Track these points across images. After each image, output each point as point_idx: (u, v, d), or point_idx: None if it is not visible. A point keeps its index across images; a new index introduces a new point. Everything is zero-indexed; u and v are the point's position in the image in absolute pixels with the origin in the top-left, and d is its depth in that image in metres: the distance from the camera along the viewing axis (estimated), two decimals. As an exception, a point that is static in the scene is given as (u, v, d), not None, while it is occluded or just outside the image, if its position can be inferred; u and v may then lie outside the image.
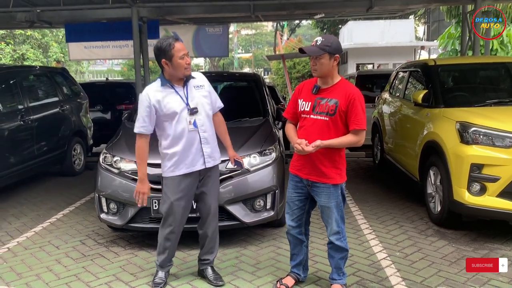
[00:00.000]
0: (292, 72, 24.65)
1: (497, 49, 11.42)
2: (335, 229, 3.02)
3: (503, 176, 3.82)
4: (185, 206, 3.24)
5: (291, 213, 3.15)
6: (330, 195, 2.97)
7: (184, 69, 3.09)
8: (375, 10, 9.34)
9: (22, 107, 6.18)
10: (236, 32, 42.21)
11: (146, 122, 3.11)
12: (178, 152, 3.13)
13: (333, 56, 2.85)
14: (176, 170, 3.16)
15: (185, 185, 3.19)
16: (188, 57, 3.12)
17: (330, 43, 2.84)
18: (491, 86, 5.57)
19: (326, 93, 2.92)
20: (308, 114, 2.96)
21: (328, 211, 3.00)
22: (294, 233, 3.18)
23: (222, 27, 13.34)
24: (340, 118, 2.87)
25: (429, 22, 26.50)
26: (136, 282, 3.43)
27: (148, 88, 3.19)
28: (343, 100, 2.85)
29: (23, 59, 22.25)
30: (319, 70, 2.88)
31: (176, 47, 3.04)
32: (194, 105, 3.15)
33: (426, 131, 4.74)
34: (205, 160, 3.19)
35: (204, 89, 3.27)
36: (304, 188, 3.07)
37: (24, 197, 6.04)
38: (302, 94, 3.04)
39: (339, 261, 3.11)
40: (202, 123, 3.18)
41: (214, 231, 3.39)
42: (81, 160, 7.56)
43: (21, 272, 3.68)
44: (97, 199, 4.11)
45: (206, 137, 3.19)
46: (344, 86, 2.92)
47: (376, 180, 6.50)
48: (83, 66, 32.70)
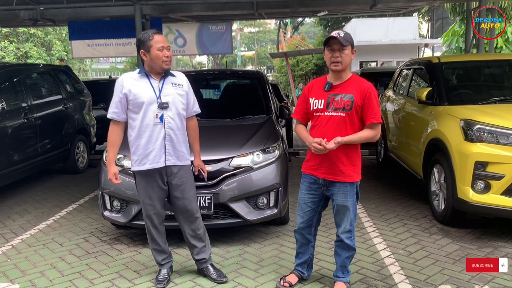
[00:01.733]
0: (295, 70, 24.62)
1: (502, 46, 11.38)
2: (348, 228, 3.00)
3: (507, 174, 3.79)
4: (154, 203, 3.22)
5: (303, 215, 3.11)
6: (347, 194, 2.93)
7: (162, 62, 3.08)
8: (378, 8, 9.32)
9: (25, 105, 6.20)
10: (239, 30, 42.19)
11: (118, 109, 3.13)
12: (142, 145, 3.13)
13: (353, 49, 2.88)
14: (140, 164, 3.16)
15: (154, 183, 3.18)
16: (169, 51, 3.11)
17: (349, 36, 2.86)
18: (496, 84, 5.54)
19: (339, 89, 2.89)
20: (322, 112, 2.91)
21: (344, 210, 2.96)
22: (303, 233, 3.16)
23: (225, 25, 13.35)
24: (356, 113, 2.85)
25: (433, 19, 26.38)
26: (140, 279, 3.44)
27: (125, 74, 3.21)
28: (358, 95, 2.83)
29: (26, 57, 22.31)
30: (344, 62, 2.84)
31: (155, 39, 3.05)
32: (166, 100, 3.12)
33: (430, 128, 4.72)
34: (166, 157, 3.15)
35: (182, 88, 3.24)
36: (319, 190, 3.02)
37: (28, 195, 6.05)
38: (313, 92, 2.98)
39: (345, 259, 3.09)
40: (170, 120, 3.14)
41: (201, 229, 3.37)
42: (84, 158, 7.58)
43: (25, 269, 3.69)
44: (101, 196, 4.12)
45: (171, 135, 3.14)
46: (358, 81, 2.90)
47: (379, 178, 6.49)
48: (86, 64, 32.78)
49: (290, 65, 22.27)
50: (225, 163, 3.93)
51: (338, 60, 2.83)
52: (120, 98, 3.11)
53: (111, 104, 3.16)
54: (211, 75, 7.10)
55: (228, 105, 5.61)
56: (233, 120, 4.87)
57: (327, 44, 2.88)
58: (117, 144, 3.20)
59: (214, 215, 3.89)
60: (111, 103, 3.16)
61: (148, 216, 3.27)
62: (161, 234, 3.35)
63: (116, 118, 3.16)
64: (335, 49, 2.83)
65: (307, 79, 25.51)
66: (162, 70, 3.13)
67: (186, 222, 3.33)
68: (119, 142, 3.21)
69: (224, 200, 3.84)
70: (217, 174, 3.85)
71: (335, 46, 2.83)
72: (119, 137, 3.20)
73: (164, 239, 3.38)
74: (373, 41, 20.10)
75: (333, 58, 2.84)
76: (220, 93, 6.62)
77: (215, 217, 3.91)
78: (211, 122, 4.72)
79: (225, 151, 4.01)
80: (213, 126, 4.62)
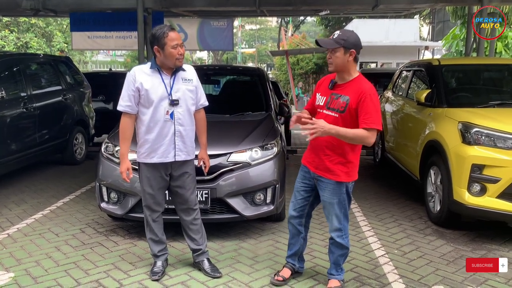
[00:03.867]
0: (295, 69, 24.61)
1: (502, 51, 11.41)
2: (336, 226, 3.03)
3: (503, 177, 3.82)
4: (155, 194, 3.24)
5: (295, 202, 3.17)
6: (333, 192, 2.95)
7: (176, 59, 3.08)
8: (380, 9, 9.34)
9: (24, 94, 6.19)
10: (240, 27, 42.11)
11: (131, 102, 3.12)
12: (151, 139, 3.14)
13: (349, 50, 2.78)
14: (148, 157, 3.17)
15: (158, 174, 3.20)
16: (182, 48, 3.10)
17: (346, 37, 2.79)
18: (495, 88, 5.57)
19: (340, 89, 2.88)
20: (322, 109, 2.94)
21: (329, 207, 3.01)
22: (294, 223, 3.21)
23: (226, 21, 13.35)
24: (350, 116, 2.80)
25: (434, 22, 26.42)
26: (135, 271, 3.45)
27: (137, 68, 3.20)
28: (354, 98, 2.78)
29: (27, 48, 22.23)
30: (334, 64, 2.83)
31: (170, 36, 3.05)
32: (177, 97, 3.14)
33: (428, 130, 4.75)
34: (176, 153, 3.18)
35: (192, 83, 3.25)
36: (312, 180, 3.07)
37: (25, 185, 6.05)
38: (321, 88, 3.02)
39: (339, 257, 3.12)
40: (180, 117, 3.16)
41: (199, 220, 3.40)
42: (82, 150, 7.57)
43: (21, 258, 3.70)
44: (98, 188, 4.13)
45: (181, 131, 3.17)
46: (358, 83, 2.84)
47: (376, 178, 6.51)
48: (86, 56, 32.70)
49: (291, 63, 22.26)
50: (223, 158, 3.94)
51: (330, 62, 2.86)
52: (133, 91, 3.10)
53: (122, 97, 3.14)
54: (211, 70, 7.10)
55: (228, 101, 5.61)
56: (232, 116, 4.88)
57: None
58: (129, 137, 3.17)
59: (211, 210, 3.91)
60: (123, 96, 3.14)
61: (148, 206, 3.29)
62: (159, 224, 3.37)
63: (130, 111, 3.14)
64: (328, 50, 2.85)
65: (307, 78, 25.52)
66: (175, 67, 3.13)
67: (184, 213, 3.35)
68: (131, 136, 3.18)
69: (221, 195, 3.85)
70: (215, 169, 3.86)
71: (328, 47, 2.84)
72: (131, 130, 3.18)
73: (161, 230, 3.40)
74: (373, 42, 20.10)
75: (327, 58, 2.88)
76: (220, 89, 6.62)
77: (212, 211, 3.92)
78: (210, 117, 4.67)
79: (223, 147, 4.02)
80: (212, 121, 4.61)
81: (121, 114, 3.18)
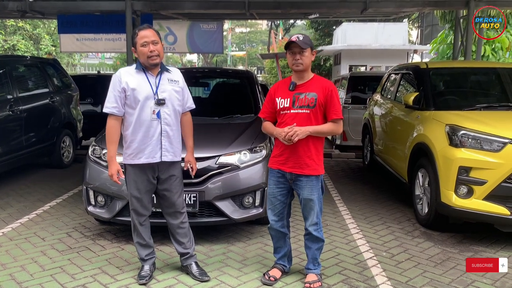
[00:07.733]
0: (285, 72, 24.67)
1: (489, 55, 11.52)
2: (315, 221, 3.16)
3: (490, 180, 3.85)
4: (142, 197, 3.22)
5: (273, 208, 3.25)
6: (312, 188, 3.09)
7: (148, 57, 3.07)
8: (369, 12, 9.37)
9: (11, 97, 6.11)
10: (230, 30, 42.14)
11: (118, 103, 3.10)
12: (138, 139, 3.12)
13: (312, 51, 3.09)
14: (135, 158, 3.15)
15: (145, 178, 3.18)
16: (153, 45, 3.07)
17: (308, 39, 3.07)
18: (481, 91, 5.62)
19: (303, 88, 3.09)
20: (288, 110, 3.08)
21: (311, 204, 3.11)
22: (277, 227, 3.28)
23: (216, 24, 13.35)
24: (319, 110, 3.05)
25: (422, 26, 26.68)
26: (122, 275, 3.41)
27: (122, 69, 3.20)
28: (321, 93, 3.04)
29: (14, 50, 21.99)
30: (304, 64, 3.04)
31: (140, 35, 3.07)
32: (163, 96, 3.13)
33: (416, 133, 4.77)
34: (162, 153, 3.16)
35: (178, 84, 3.25)
36: (286, 183, 3.17)
37: (11, 188, 5.97)
38: (279, 93, 3.16)
39: (316, 251, 3.24)
40: (167, 116, 3.15)
41: (186, 223, 3.38)
42: (70, 153, 7.49)
43: (6, 262, 3.64)
44: (85, 191, 4.08)
45: (167, 131, 3.16)
46: (319, 80, 3.13)
47: (365, 181, 6.53)
48: (74, 58, 32.45)
49: (281, 66, 22.30)
50: (211, 161, 3.92)
51: (299, 62, 3.03)
52: (119, 92, 3.09)
53: (108, 98, 3.11)
54: (200, 73, 7.07)
55: (217, 104, 5.60)
56: (221, 118, 4.87)
57: (288, 48, 3.06)
58: (116, 140, 3.14)
59: (199, 213, 3.88)
60: (108, 97, 3.11)
61: (135, 210, 3.26)
62: (146, 228, 3.35)
63: (116, 113, 3.12)
64: (296, 52, 3.03)
65: (297, 81, 25.49)
66: (150, 66, 3.12)
67: (171, 217, 3.33)
68: (118, 138, 3.16)
69: (209, 198, 3.83)
70: (203, 172, 3.84)
71: (295, 49, 3.02)
72: (118, 132, 3.15)
73: (148, 233, 3.37)
74: (363, 46, 20.19)
75: (294, 60, 3.05)
76: (209, 91, 6.61)
77: (200, 215, 3.90)
78: (199, 120, 4.69)
79: (212, 149, 4.00)
80: (201, 124, 4.60)
81: (106, 112, 3.15)
